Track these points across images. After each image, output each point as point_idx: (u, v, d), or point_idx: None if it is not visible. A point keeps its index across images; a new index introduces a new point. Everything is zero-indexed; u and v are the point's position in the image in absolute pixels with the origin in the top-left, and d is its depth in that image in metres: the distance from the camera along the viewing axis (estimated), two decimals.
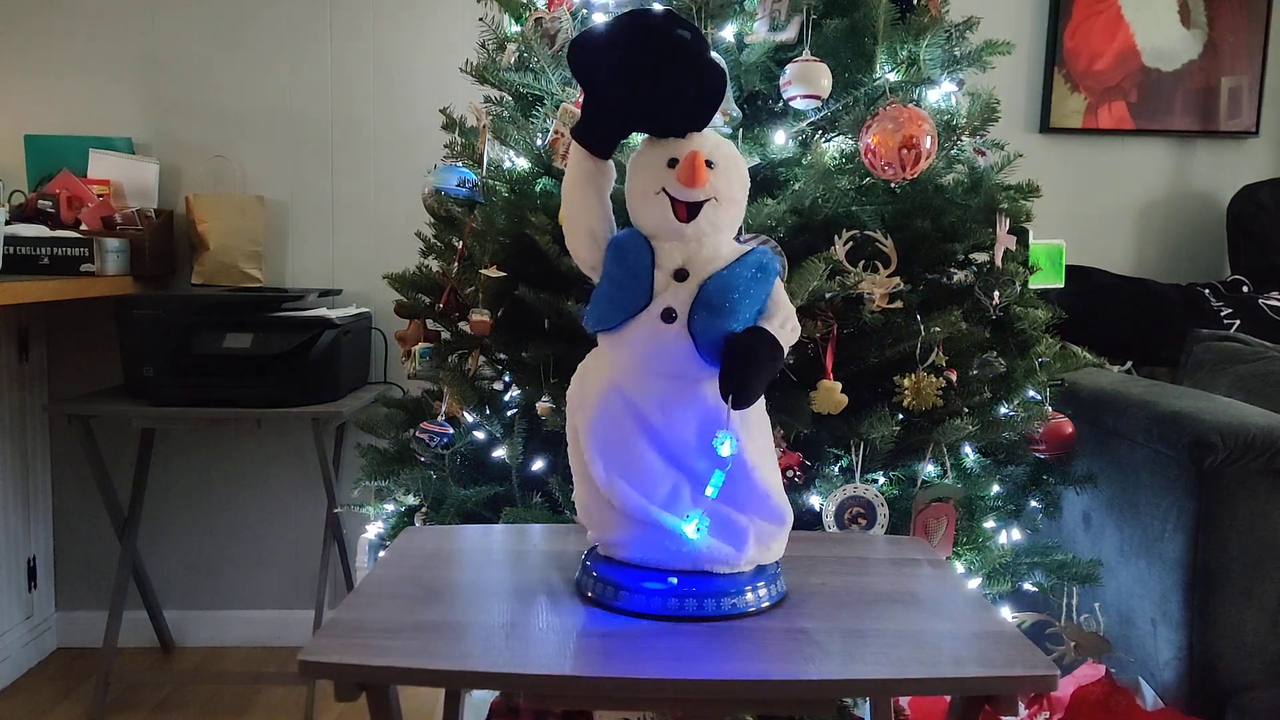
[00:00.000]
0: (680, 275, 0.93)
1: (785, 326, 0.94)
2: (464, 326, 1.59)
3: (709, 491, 0.93)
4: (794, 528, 1.01)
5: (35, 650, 2.37)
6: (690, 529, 0.93)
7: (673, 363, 0.93)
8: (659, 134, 0.96)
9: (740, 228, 1.10)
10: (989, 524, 1.46)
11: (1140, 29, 2.43)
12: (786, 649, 0.88)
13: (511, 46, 1.56)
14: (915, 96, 1.43)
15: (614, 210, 1.00)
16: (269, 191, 2.40)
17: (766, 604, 0.97)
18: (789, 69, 1.35)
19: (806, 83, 1.35)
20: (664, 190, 0.94)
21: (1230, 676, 1.47)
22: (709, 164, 0.93)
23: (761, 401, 0.98)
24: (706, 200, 0.94)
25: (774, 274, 0.96)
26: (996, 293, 1.46)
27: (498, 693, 1.42)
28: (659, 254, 0.94)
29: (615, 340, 0.96)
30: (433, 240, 1.70)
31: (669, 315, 0.92)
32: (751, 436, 0.96)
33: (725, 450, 0.91)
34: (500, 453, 1.46)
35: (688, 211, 0.94)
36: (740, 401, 0.90)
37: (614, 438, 0.95)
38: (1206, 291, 2.22)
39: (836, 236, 1.35)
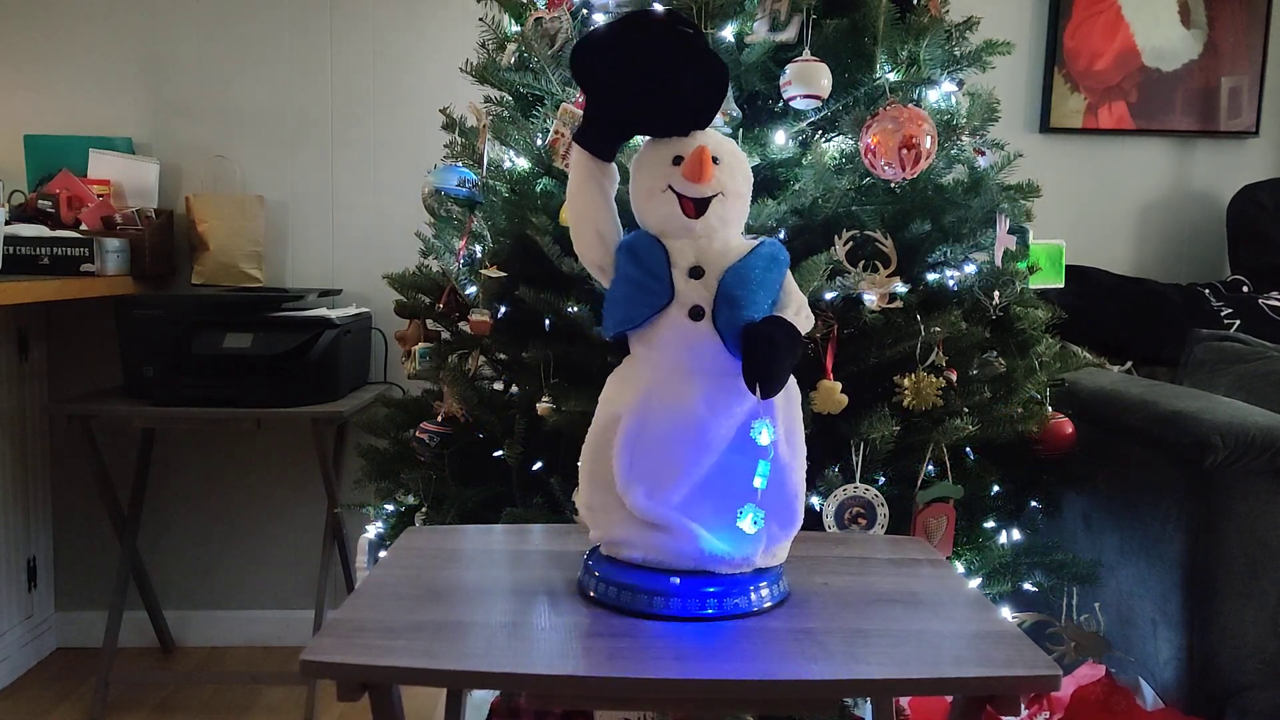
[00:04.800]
0: (695, 272, 0.93)
1: (800, 314, 0.96)
2: (464, 326, 1.59)
3: (757, 482, 0.93)
4: None
5: (35, 650, 2.37)
6: (747, 524, 0.92)
7: (708, 360, 0.93)
8: (662, 133, 0.96)
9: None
10: (989, 524, 1.46)
11: (1140, 29, 2.43)
12: (789, 649, 0.88)
13: (511, 46, 1.56)
14: (915, 96, 1.43)
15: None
16: (269, 191, 2.40)
17: (769, 604, 0.97)
18: (789, 69, 1.35)
19: (806, 83, 1.35)
20: (670, 188, 0.94)
21: (1230, 676, 1.47)
22: (714, 160, 0.94)
23: (798, 399, 0.98)
24: (714, 195, 0.94)
25: (785, 264, 0.97)
26: (996, 293, 1.46)
27: (498, 692, 1.42)
28: (671, 252, 0.94)
29: (646, 344, 0.96)
30: (433, 240, 1.70)
31: (697, 313, 0.92)
32: (790, 431, 0.96)
33: (764, 439, 0.91)
34: (500, 453, 1.46)
35: (695, 208, 0.94)
36: (766, 390, 0.90)
37: (645, 440, 0.94)
38: (1206, 291, 2.22)
39: (836, 236, 1.35)
